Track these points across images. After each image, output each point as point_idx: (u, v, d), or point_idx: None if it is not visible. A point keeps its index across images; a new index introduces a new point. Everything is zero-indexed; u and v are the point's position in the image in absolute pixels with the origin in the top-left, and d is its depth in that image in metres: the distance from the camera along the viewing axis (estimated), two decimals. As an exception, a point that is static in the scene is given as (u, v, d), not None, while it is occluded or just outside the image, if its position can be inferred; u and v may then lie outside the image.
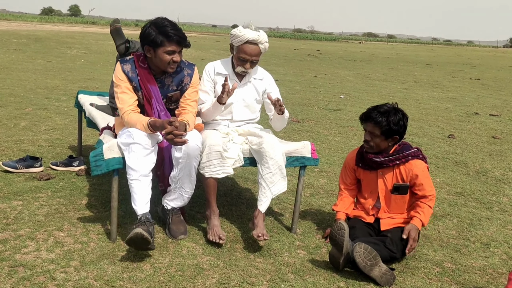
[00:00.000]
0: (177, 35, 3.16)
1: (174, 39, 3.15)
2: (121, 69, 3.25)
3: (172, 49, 3.16)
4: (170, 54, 3.17)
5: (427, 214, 3.28)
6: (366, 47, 47.26)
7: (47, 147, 5.18)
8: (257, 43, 3.44)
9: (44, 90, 8.81)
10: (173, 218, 3.38)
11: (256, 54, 3.47)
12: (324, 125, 7.52)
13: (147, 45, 3.18)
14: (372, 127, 3.23)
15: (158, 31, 3.14)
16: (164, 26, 3.15)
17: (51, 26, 40.09)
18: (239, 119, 3.63)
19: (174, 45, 3.16)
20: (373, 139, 3.26)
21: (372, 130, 3.24)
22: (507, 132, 7.97)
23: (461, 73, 19.98)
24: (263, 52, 3.51)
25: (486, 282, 3.05)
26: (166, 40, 3.13)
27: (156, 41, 3.13)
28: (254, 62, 3.50)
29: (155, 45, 3.15)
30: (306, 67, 18.23)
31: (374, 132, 3.23)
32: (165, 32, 3.13)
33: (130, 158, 3.09)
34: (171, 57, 3.18)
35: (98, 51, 18.75)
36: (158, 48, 3.15)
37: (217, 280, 2.83)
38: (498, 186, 5.05)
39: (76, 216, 3.53)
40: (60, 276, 2.74)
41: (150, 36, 3.14)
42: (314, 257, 3.22)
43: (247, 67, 3.49)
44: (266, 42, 3.50)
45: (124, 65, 3.27)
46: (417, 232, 3.20)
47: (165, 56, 3.17)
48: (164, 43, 3.14)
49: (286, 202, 4.16)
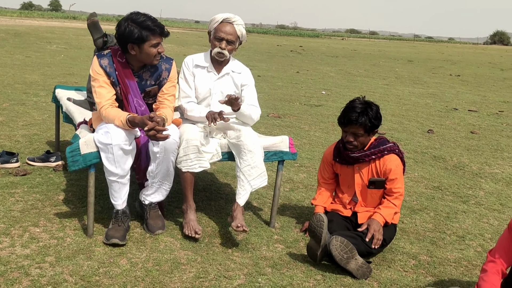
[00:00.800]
0: (159, 27, 3.18)
1: (158, 31, 3.17)
2: (99, 63, 3.22)
3: (157, 41, 3.18)
4: (155, 46, 3.19)
5: (390, 211, 3.28)
6: (348, 43, 47.49)
7: (24, 143, 5.12)
8: (232, 22, 3.46)
9: (22, 85, 8.69)
10: (151, 213, 3.36)
11: (231, 33, 3.45)
12: (305, 121, 7.54)
13: (131, 43, 3.14)
14: (356, 129, 3.24)
15: (140, 26, 3.11)
16: (143, 21, 3.13)
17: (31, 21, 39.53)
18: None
19: (158, 37, 3.18)
20: (357, 139, 3.27)
21: (355, 131, 3.25)
22: (484, 127, 8.08)
23: (441, 70, 20.19)
24: (239, 34, 3.49)
25: (461, 274, 3.10)
26: (150, 34, 3.14)
27: (142, 37, 3.11)
28: (230, 42, 3.47)
29: (140, 41, 3.13)
30: (288, 63, 18.25)
31: (357, 132, 3.24)
32: (147, 26, 3.12)
33: (108, 161, 3.07)
34: (156, 49, 3.20)
35: (78, 46, 18.54)
36: (143, 43, 3.14)
37: (194, 275, 2.83)
38: (474, 180, 5.12)
39: (52, 211, 3.50)
40: (34, 271, 2.71)
41: (133, 33, 3.10)
42: (292, 251, 3.23)
43: (222, 46, 3.45)
44: (241, 25, 3.49)
45: (101, 60, 3.23)
46: (378, 225, 3.20)
47: (152, 50, 3.18)
48: (150, 37, 3.14)
49: (265, 196, 4.17)
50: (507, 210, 4.31)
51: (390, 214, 3.28)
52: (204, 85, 3.55)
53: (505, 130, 7.95)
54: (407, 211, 4.08)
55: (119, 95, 3.27)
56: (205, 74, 3.56)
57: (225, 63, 3.59)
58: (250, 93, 3.63)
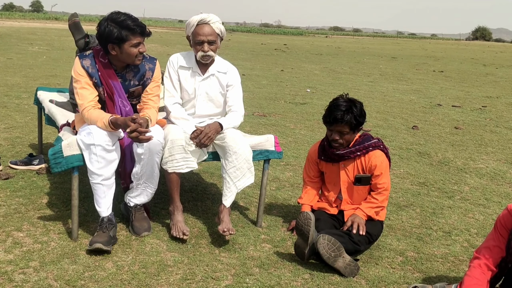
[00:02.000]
0: (139, 26, 3.14)
1: (138, 31, 3.13)
2: (80, 64, 3.18)
3: (137, 41, 3.14)
4: (136, 46, 3.15)
5: (371, 205, 3.30)
6: (332, 41, 47.65)
7: (6, 146, 5.04)
8: (208, 22, 3.38)
9: (4, 87, 8.57)
10: (136, 215, 3.33)
11: (210, 33, 3.39)
12: (290, 119, 7.54)
13: (110, 43, 3.11)
14: (341, 127, 3.23)
15: (120, 26, 3.08)
16: (123, 20, 3.10)
17: (12, 22, 39.03)
18: (203, 113, 3.57)
19: (138, 37, 3.14)
20: (343, 137, 3.27)
21: (341, 130, 3.24)
22: (468, 122, 8.14)
23: (425, 66, 20.33)
24: (218, 32, 3.42)
25: (448, 270, 3.11)
26: (130, 34, 3.10)
27: (122, 37, 3.08)
28: (211, 43, 3.41)
29: (120, 41, 3.10)
30: (273, 62, 18.25)
31: (343, 130, 3.24)
32: (127, 26, 3.09)
33: (91, 162, 3.03)
34: (137, 49, 3.16)
35: (60, 47, 18.34)
36: (123, 43, 3.11)
37: (181, 276, 2.80)
38: (459, 175, 5.15)
39: (36, 215, 3.44)
40: (18, 277, 2.66)
41: (112, 33, 3.08)
42: (279, 250, 3.22)
43: (205, 49, 3.40)
44: (218, 22, 3.41)
45: (83, 60, 3.19)
46: (361, 219, 3.24)
47: (132, 50, 3.14)
48: (129, 37, 3.10)
49: (251, 196, 4.15)
50: (492, 204, 4.34)
51: (371, 208, 3.30)
52: (189, 86, 3.51)
53: (489, 125, 8.02)
54: (393, 207, 4.09)
55: (102, 96, 3.23)
56: (190, 75, 3.52)
57: (210, 63, 3.55)
58: (235, 94, 3.59)
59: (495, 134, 7.32)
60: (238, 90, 3.62)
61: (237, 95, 3.59)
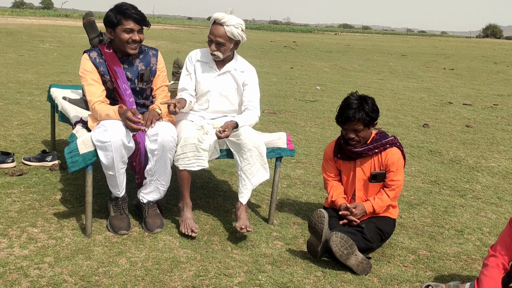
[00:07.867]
0: (134, 13, 3.22)
1: (132, 17, 3.21)
2: (88, 57, 3.32)
3: (129, 27, 3.22)
4: (128, 32, 3.23)
5: (382, 202, 3.28)
6: (342, 38, 47.51)
7: (19, 142, 5.09)
8: (222, 23, 3.36)
9: (16, 84, 8.63)
10: (149, 211, 3.36)
11: (220, 35, 3.37)
12: (301, 116, 7.53)
13: (108, 27, 3.26)
14: (355, 125, 3.23)
15: (116, 11, 3.24)
16: (121, 6, 3.25)
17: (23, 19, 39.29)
18: (216, 109, 3.57)
19: (131, 23, 3.22)
20: (358, 134, 3.26)
21: (355, 128, 3.24)
22: (479, 121, 8.10)
23: (435, 64, 20.22)
24: (230, 35, 3.38)
25: (460, 268, 3.10)
26: (122, 18, 3.21)
27: (113, 21, 3.22)
28: (219, 44, 3.39)
29: (113, 25, 3.23)
30: (282, 59, 18.23)
31: (357, 128, 3.23)
32: (122, 11, 3.22)
33: (106, 158, 3.07)
34: (129, 36, 3.24)
35: (71, 44, 18.45)
36: (116, 27, 3.23)
37: (194, 273, 2.82)
38: (471, 174, 5.13)
39: (50, 211, 3.48)
40: (34, 272, 2.69)
41: (109, 17, 3.24)
42: (291, 247, 3.23)
43: (212, 49, 3.41)
44: (233, 26, 3.36)
45: (90, 53, 3.34)
46: (361, 210, 3.25)
47: (123, 35, 3.23)
48: (121, 21, 3.21)
49: (263, 193, 4.16)
50: (504, 203, 4.32)
51: (379, 203, 3.28)
52: (204, 79, 3.52)
53: (500, 123, 7.97)
54: (405, 206, 4.08)
55: (109, 85, 3.32)
56: (206, 70, 3.54)
57: (227, 61, 3.55)
58: (251, 93, 3.57)
59: (506, 133, 7.28)
60: (255, 90, 3.61)
61: (254, 95, 3.59)
